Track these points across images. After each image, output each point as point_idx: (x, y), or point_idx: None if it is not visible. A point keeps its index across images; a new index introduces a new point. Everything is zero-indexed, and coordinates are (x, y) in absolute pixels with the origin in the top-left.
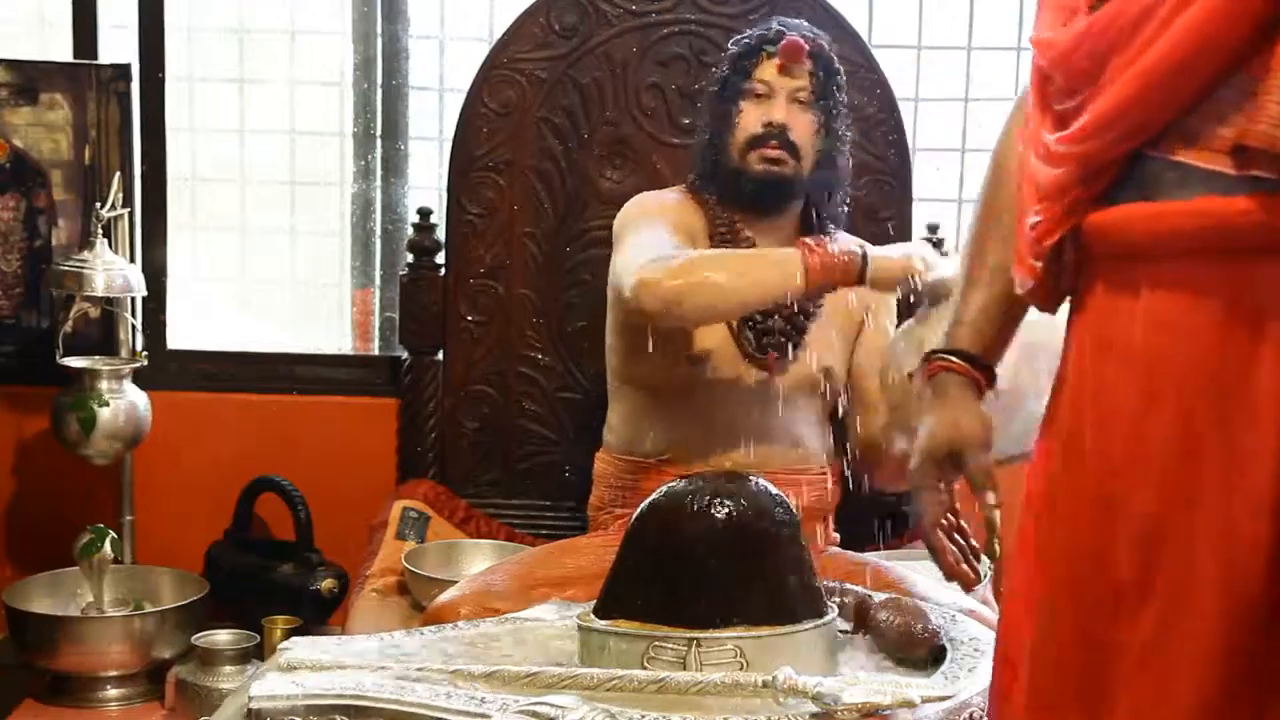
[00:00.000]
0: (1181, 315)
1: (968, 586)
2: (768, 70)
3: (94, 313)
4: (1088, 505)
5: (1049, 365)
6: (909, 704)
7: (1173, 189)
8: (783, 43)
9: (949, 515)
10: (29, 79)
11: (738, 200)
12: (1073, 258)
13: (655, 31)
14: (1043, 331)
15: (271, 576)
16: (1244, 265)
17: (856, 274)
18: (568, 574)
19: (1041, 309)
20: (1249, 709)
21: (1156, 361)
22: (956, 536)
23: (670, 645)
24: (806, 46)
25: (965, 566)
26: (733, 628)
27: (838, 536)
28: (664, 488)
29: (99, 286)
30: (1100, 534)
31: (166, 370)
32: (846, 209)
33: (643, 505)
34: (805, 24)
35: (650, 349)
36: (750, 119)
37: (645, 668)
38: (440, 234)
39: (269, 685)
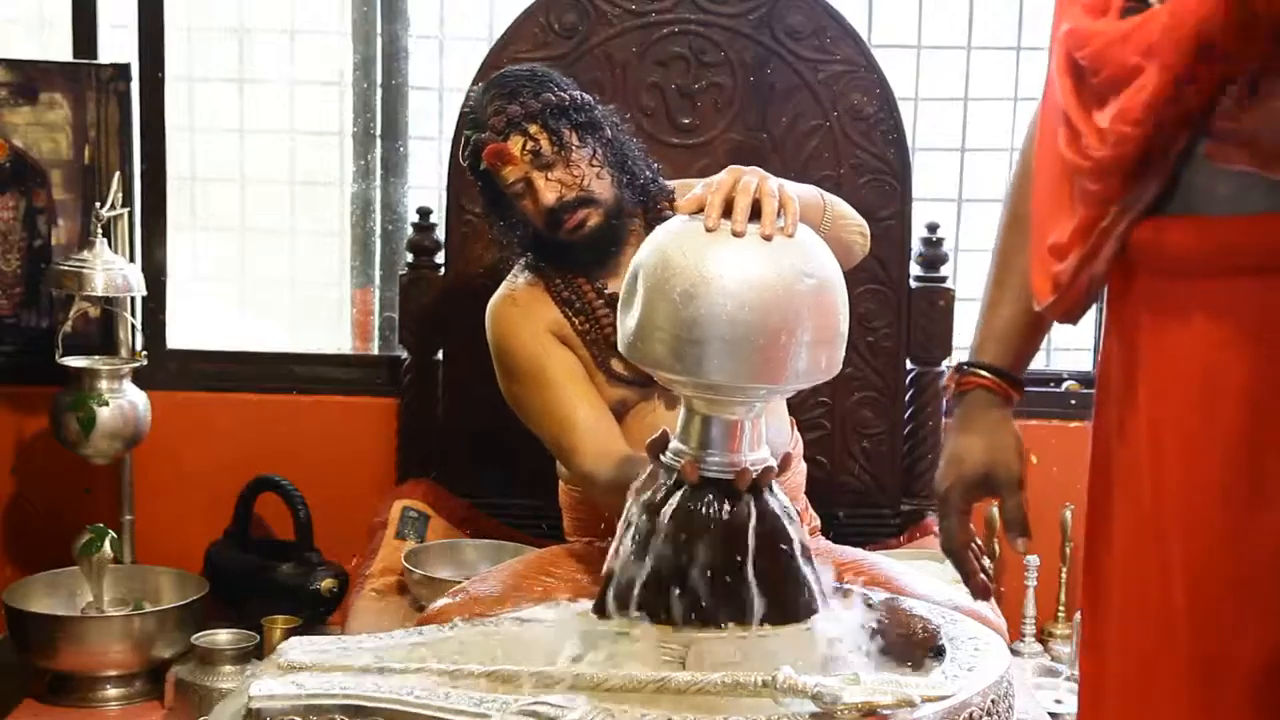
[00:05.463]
0: (1240, 338)
1: (987, 596)
2: (505, 171)
3: (94, 312)
4: (1141, 528)
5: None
6: (909, 704)
7: (1228, 203)
8: (487, 157)
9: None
10: (29, 79)
11: (581, 263)
12: (1108, 270)
13: (655, 31)
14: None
15: (271, 576)
16: None
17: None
18: (557, 580)
19: (1062, 321)
20: None
21: (1214, 384)
22: (977, 553)
23: (670, 645)
24: (505, 146)
25: (986, 579)
26: (733, 628)
27: (815, 517)
28: (661, 490)
29: (99, 286)
30: (1155, 562)
31: (166, 370)
32: (650, 170)
33: (642, 504)
34: (494, 82)
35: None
36: (533, 215)
37: (645, 668)
38: (440, 234)
39: (268, 685)
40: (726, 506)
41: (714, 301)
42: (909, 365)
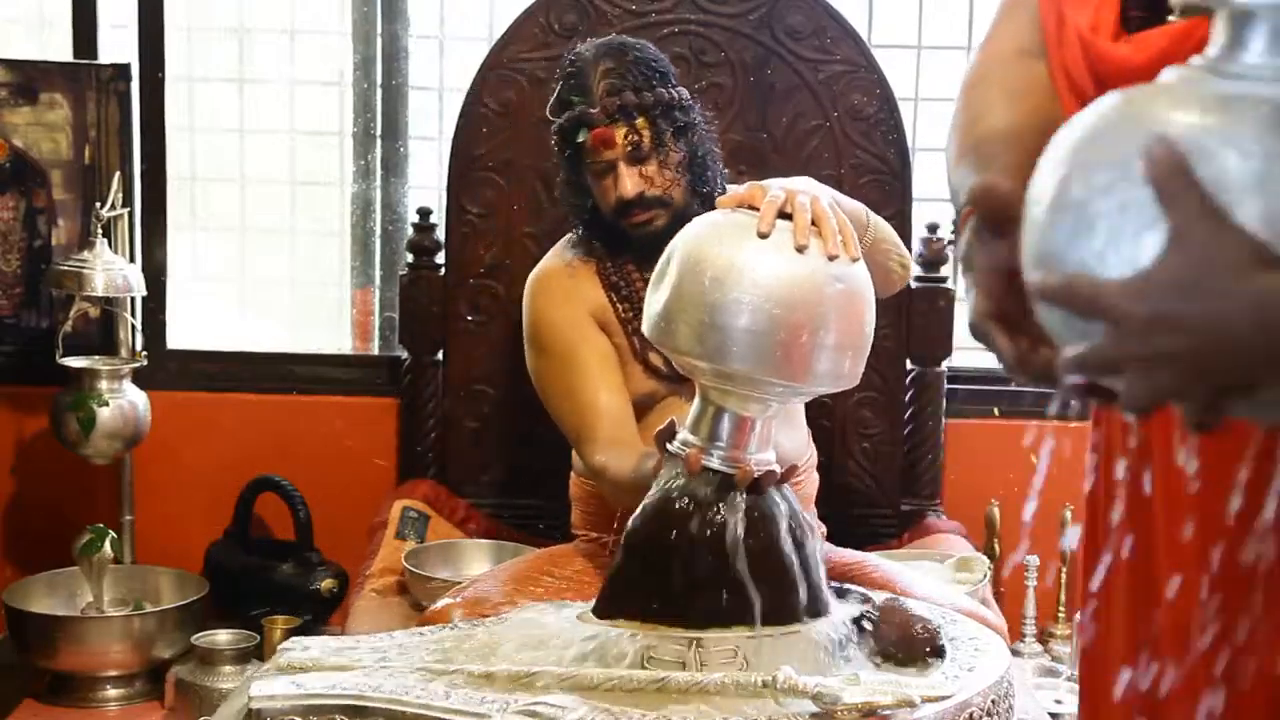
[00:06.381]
0: None
1: (1050, 371)
2: (597, 148)
3: (94, 313)
4: (1148, 533)
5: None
6: (909, 704)
7: None
8: (591, 139)
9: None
10: (29, 79)
11: (634, 253)
12: None
13: (655, 31)
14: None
15: (271, 576)
16: None
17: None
18: (558, 580)
19: None
20: None
21: None
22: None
23: (670, 645)
24: (610, 132)
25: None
26: (733, 628)
27: (823, 526)
28: (662, 488)
29: (99, 286)
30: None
31: (166, 370)
32: (721, 176)
33: (643, 505)
34: (611, 53)
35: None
36: (605, 195)
37: (645, 668)
38: (440, 234)
39: (269, 685)
40: (722, 502)
41: (742, 289)
42: (909, 365)
